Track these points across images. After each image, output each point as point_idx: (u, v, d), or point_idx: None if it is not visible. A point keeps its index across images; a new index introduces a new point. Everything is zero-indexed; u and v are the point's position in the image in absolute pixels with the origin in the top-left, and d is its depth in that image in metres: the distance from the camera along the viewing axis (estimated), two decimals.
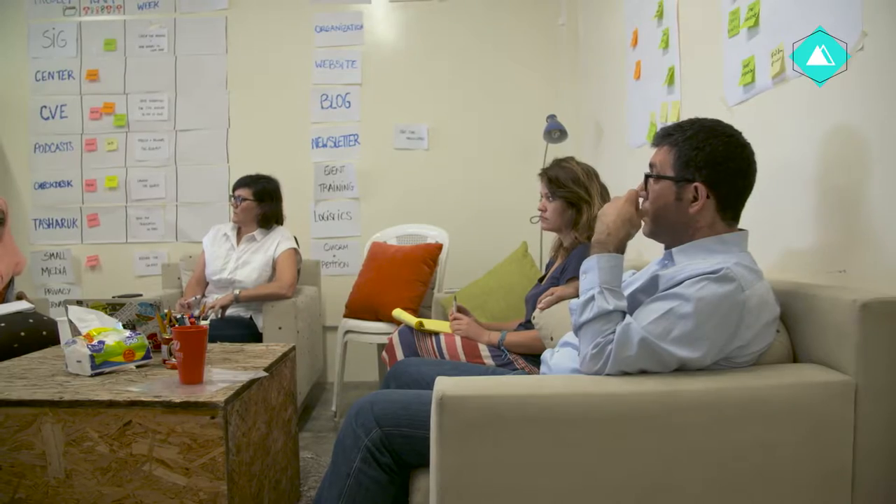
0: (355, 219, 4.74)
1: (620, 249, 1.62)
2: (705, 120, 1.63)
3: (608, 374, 1.48)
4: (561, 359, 1.81)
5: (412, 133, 4.70)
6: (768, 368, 1.51)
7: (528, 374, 2.31)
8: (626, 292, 1.64)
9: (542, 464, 1.39)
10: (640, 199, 1.67)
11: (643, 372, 1.47)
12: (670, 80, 2.75)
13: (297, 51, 4.78)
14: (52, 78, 4.96)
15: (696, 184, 1.57)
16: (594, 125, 4.07)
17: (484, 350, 2.48)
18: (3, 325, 3.12)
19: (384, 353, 2.77)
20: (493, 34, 4.69)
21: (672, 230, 1.64)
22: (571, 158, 2.61)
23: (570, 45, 4.54)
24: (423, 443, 1.51)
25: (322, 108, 4.76)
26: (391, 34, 4.79)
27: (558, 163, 2.59)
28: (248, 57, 4.82)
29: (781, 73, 1.86)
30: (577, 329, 1.58)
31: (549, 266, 2.72)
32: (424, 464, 1.56)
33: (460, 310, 2.70)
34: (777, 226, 1.90)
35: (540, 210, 2.59)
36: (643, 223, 1.67)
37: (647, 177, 1.65)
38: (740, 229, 1.63)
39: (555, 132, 4.06)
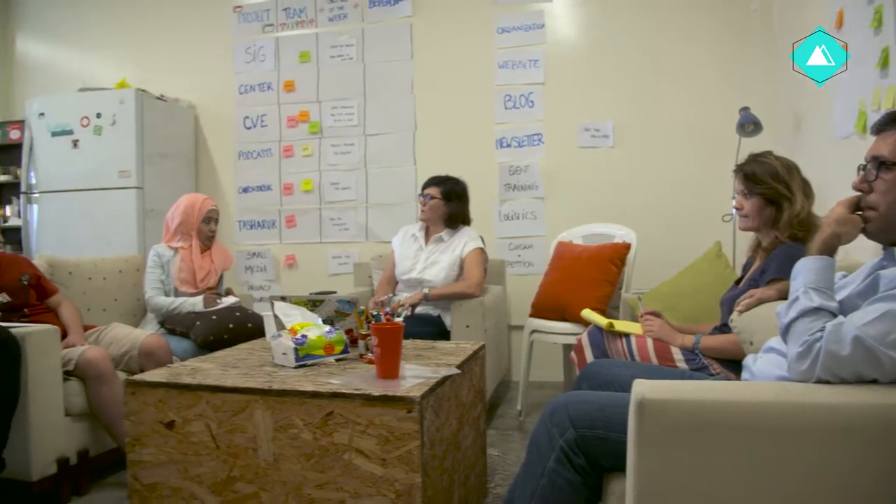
0: (540, 218, 4.73)
1: (825, 251, 1.53)
2: None
3: (819, 378, 1.37)
4: (765, 365, 1.71)
5: (597, 131, 4.62)
6: None
7: (725, 379, 2.20)
8: (839, 296, 1.52)
9: (745, 474, 1.31)
10: (861, 193, 1.54)
11: (859, 380, 1.35)
12: (884, 63, 2.52)
13: (480, 53, 4.84)
14: (254, 90, 5.34)
15: None
16: (792, 116, 3.83)
17: (677, 353, 2.39)
18: (214, 318, 3.38)
19: (572, 354, 2.73)
20: (679, 25, 4.51)
21: None
22: (769, 153, 2.46)
23: (764, 31, 4.29)
24: (619, 446, 1.47)
25: (506, 108, 4.79)
26: (573, 31, 4.73)
27: (755, 158, 2.45)
28: (433, 61, 4.94)
29: None
30: (784, 332, 1.49)
31: (746, 267, 2.57)
32: (619, 467, 1.52)
33: (651, 311, 2.62)
34: None
35: (736, 208, 2.46)
36: (862, 220, 1.53)
37: (879, 164, 1.49)
38: None
39: (748, 125, 3.85)
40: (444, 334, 3.50)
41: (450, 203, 3.74)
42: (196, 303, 3.51)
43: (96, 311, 3.58)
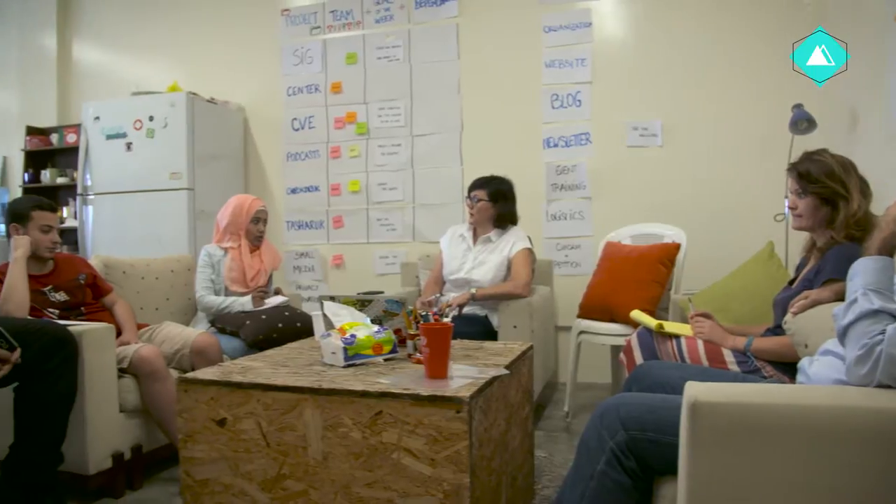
0: (587, 218, 4.69)
1: (885, 251, 1.49)
2: None
3: (880, 383, 1.33)
4: (822, 368, 1.67)
5: (645, 129, 4.56)
6: None
7: (779, 382, 2.15)
8: None
9: (800, 480, 1.28)
10: None
11: None
12: None
13: (527, 52, 4.82)
14: (301, 92, 5.40)
15: None
16: (847, 112, 3.73)
17: (728, 355, 2.35)
18: (264, 317, 3.43)
19: (622, 355, 2.71)
20: (730, 21, 4.42)
21: None
22: (824, 150, 2.39)
23: (817, 26, 4.19)
24: (670, 449, 1.45)
25: (553, 108, 4.76)
26: (620, 29, 4.68)
27: (809, 156, 2.39)
28: (479, 61, 4.93)
29: None
30: (842, 335, 1.45)
31: (799, 268, 2.51)
32: (670, 471, 1.50)
33: (701, 313, 2.58)
34: None
35: (790, 208, 2.41)
36: None
37: None
38: None
39: (802, 122, 3.77)
40: (491, 334, 3.49)
41: (497, 204, 3.73)
42: (245, 302, 3.56)
43: (149, 309, 3.65)
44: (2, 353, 2.20)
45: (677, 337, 2.51)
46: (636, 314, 2.92)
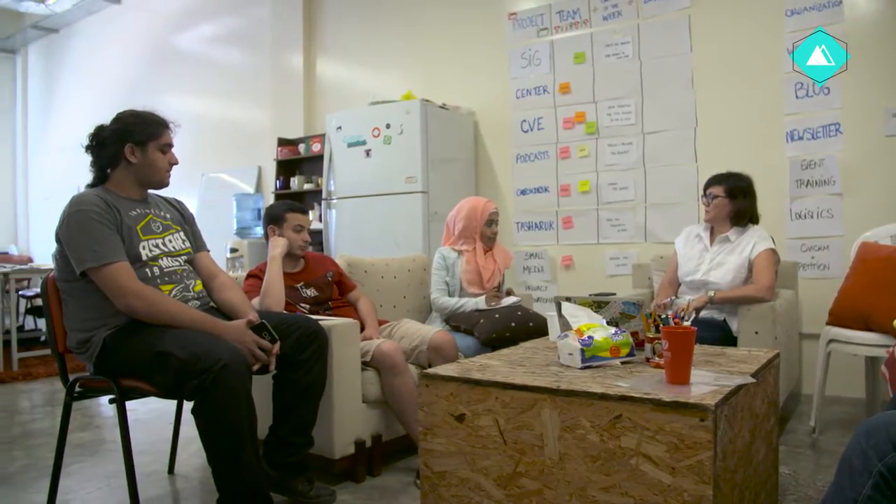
0: (837, 217, 4.29)
1: None
2: None
3: None
4: None
5: None
6: None
7: None
8: None
9: None
10: None
11: None
12: None
13: (766, 39, 4.51)
14: (530, 94, 5.46)
15: None
16: None
17: None
18: (497, 316, 3.48)
19: (883, 368, 2.46)
20: None
21: None
22: None
23: None
24: None
25: (797, 97, 4.41)
26: (876, 4, 4.20)
27: None
28: (714, 52, 4.71)
29: None
30: None
31: None
32: None
33: None
34: None
35: None
36: None
37: None
38: None
39: None
40: (729, 340, 3.31)
41: (735, 201, 3.52)
42: (479, 301, 3.64)
43: (387, 307, 3.85)
44: (266, 345, 2.42)
45: None
46: None
